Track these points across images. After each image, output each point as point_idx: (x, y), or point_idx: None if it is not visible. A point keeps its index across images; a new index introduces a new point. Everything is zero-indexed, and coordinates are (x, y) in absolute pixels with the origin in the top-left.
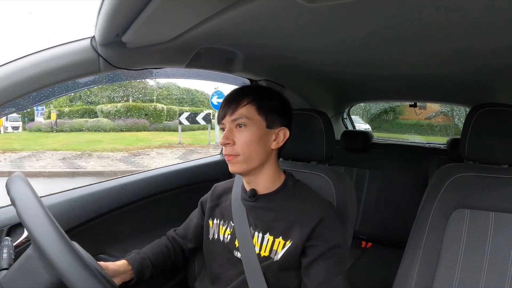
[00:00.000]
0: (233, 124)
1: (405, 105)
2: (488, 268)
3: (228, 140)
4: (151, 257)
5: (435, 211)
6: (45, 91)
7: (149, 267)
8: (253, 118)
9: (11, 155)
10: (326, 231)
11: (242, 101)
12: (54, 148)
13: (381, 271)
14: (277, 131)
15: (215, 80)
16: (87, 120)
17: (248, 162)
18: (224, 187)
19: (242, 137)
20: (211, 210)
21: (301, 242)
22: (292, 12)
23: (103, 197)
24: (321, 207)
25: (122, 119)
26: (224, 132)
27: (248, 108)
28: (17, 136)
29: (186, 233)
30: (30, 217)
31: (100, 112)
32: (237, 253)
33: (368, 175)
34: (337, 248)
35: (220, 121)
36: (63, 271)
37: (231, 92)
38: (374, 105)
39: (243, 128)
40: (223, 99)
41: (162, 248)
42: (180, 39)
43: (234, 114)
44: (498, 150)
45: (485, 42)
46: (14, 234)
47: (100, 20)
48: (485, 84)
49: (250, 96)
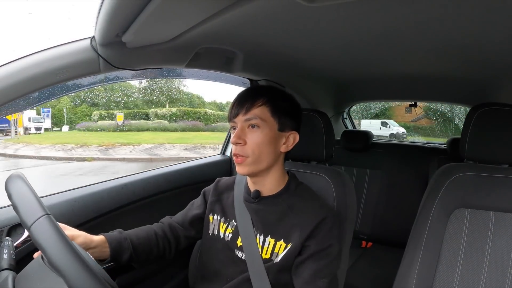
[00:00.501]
0: (245, 124)
1: (394, 108)
2: (489, 268)
3: (240, 140)
4: (135, 241)
5: (435, 211)
6: (45, 91)
7: (129, 249)
8: (266, 120)
9: (135, 147)
10: (321, 233)
11: (257, 101)
12: (164, 141)
13: (381, 271)
14: (287, 135)
15: (215, 80)
16: (147, 122)
17: (257, 164)
18: (227, 183)
19: (254, 137)
20: (212, 204)
21: (300, 243)
22: (292, 12)
23: (103, 197)
24: (321, 210)
25: (178, 121)
26: (236, 131)
27: (263, 109)
28: (83, 134)
29: (184, 220)
30: (23, 207)
31: (154, 115)
32: (238, 253)
33: (368, 175)
34: (329, 251)
35: (232, 119)
36: (62, 270)
37: (245, 91)
38: (374, 105)
39: (256, 129)
40: (235, 98)
41: (150, 234)
42: (180, 39)
43: (248, 114)
44: (498, 150)
45: (485, 42)
46: (14, 234)
47: (100, 20)
48: (485, 84)
49: (265, 97)
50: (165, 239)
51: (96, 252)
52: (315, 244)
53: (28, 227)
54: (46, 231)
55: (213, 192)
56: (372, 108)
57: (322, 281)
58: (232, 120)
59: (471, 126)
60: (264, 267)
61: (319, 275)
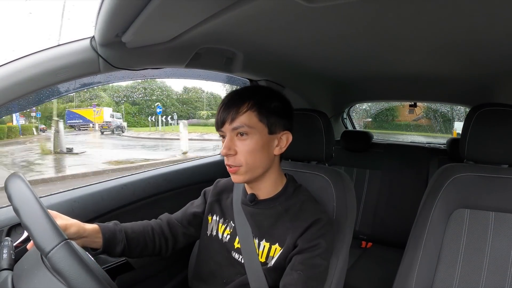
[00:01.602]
0: (233, 133)
1: (399, 108)
2: (488, 268)
3: (230, 151)
4: (130, 234)
5: (435, 211)
6: (44, 91)
7: (122, 241)
8: (254, 126)
9: None
10: (311, 232)
11: (241, 107)
12: None
13: (381, 271)
14: (279, 136)
15: (215, 80)
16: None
17: (252, 171)
18: (226, 184)
19: (244, 146)
20: (211, 205)
21: (292, 244)
22: (292, 12)
23: (103, 197)
24: (316, 212)
25: None
26: (225, 142)
27: (249, 114)
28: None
29: (182, 218)
30: (29, 216)
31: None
32: (235, 254)
33: (368, 175)
34: (314, 248)
35: (219, 128)
36: (61, 269)
37: (228, 96)
38: (374, 105)
39: (245, 136)
40: (220, 104)
41: (146, 229)
42: (180, 39)
43: (234, 122)
44: (498, 150)
45: (485, 42)
46: (14, 234)
47: (100, 20)
48: (485, 84)
49: (250, 100)
50: (162, 236)
51: (88, 241)
52: (302, 242)
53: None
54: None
55: (212, 192)
56: (372, 108)
57: (297, 273)
58: (220, 129)
59: (471, 126)
60: (262, 270)
61: (297, 267)
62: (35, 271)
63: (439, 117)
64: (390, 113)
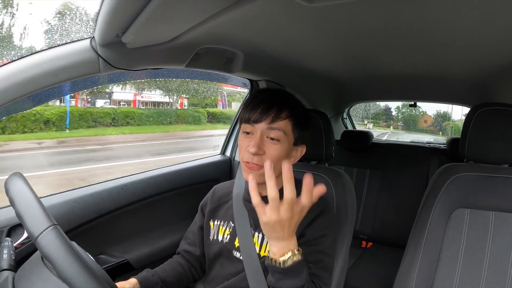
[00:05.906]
0: (266, 133)
1: (416, 117)
2: (489, 268)
3: (260, 151)
4: (161, 274)
5: (435, 211)
6: (44, 91)
7: (158, 283)
8: (288, 134)
9: None
10: (317, 223)
11: (282, 112)
12: None
13: (382, 271)
14: (298, 148)
15: (215, 80)
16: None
17: None
18: (224, 188)
19: (272, 150)
20: (211, 212)
21: (298, 232)
22: (292, 12)
23: (103, 198)
24: (320, 203)
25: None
26: (256, 141)
27: (287, 122)
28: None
29: (193, 240)
30: (21, 204)
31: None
32: (236, 253)
33: (368, 175)
34: (320, 240)
35: (250, 122)
36: (62, 270)
37: (269, 96)
38: (373, 106)
39: (275, 141)
40: (257, 99)
41: (174, 264)
42: (180, 39)
43: (273, 124)
44: (498, 150)
45: (485, 42)
46: (14, 235)
47: (100, 21)
48: (485, 84)
49: (290, 109)
50: (189, 264)
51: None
52: (309, 232)
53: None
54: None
55: (210, 200)
56: (372, 108)
57: (309, 265)
58: (251, 124)
59: (471, 126)
60: (260, 266)
61: (307, 258)
62: (35, 270)
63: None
64: (413, 121)
